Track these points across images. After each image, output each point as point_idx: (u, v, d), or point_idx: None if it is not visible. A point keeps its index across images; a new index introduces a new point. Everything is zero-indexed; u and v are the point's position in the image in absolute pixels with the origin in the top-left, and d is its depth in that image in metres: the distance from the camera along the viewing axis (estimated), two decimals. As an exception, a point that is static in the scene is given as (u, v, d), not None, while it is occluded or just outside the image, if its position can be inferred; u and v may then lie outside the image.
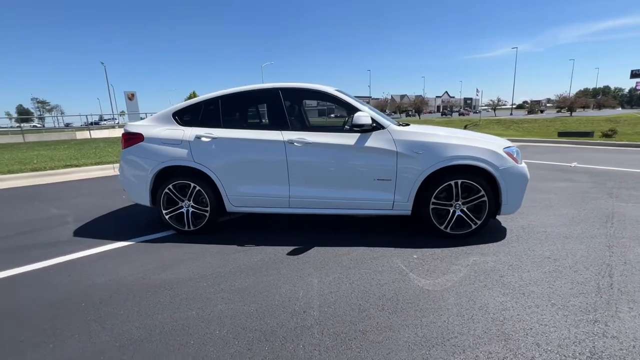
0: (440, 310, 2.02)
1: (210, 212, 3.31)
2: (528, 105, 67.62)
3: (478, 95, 23.48)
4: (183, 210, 3.36)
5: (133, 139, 3.38)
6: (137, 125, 3.48)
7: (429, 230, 3.15)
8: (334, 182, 3.13)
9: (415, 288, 2.28)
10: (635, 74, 49.67)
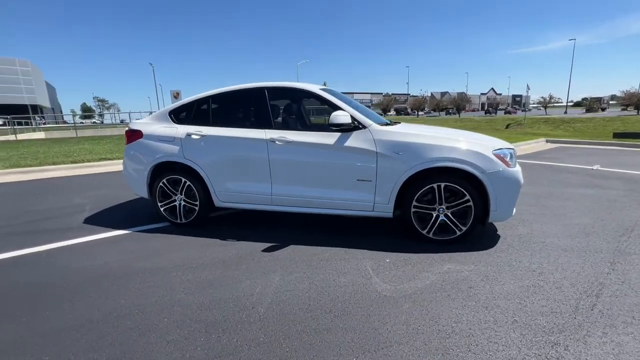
0: (388, 317, 1.94)
1: (200, 206, 3.47)
2: (587, 103, 60.73)
3: (528, 93, 21.57)
4: (176, 204, 3.55)
5: (134, 136, 3.64)
6: (138, 123, 3.73)
7: (414, 235, 3.02)
8: (315, 181, 3.13)
9: (373, 293, 2.22)
10: None
